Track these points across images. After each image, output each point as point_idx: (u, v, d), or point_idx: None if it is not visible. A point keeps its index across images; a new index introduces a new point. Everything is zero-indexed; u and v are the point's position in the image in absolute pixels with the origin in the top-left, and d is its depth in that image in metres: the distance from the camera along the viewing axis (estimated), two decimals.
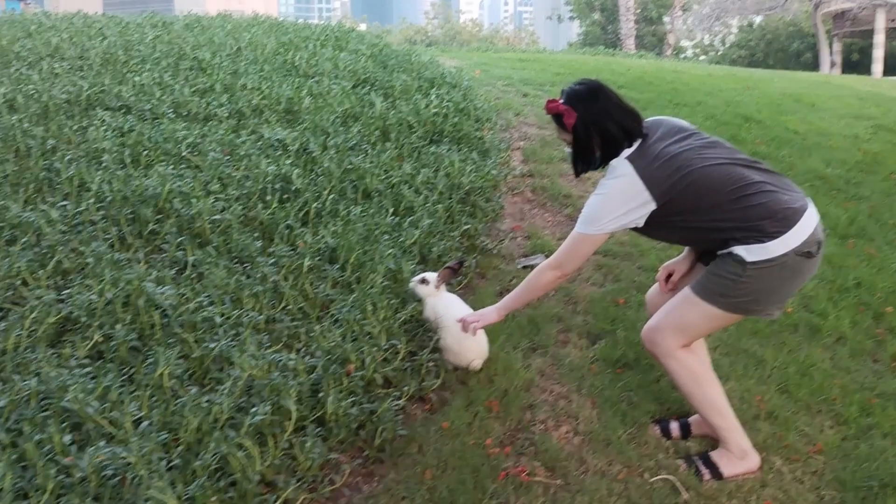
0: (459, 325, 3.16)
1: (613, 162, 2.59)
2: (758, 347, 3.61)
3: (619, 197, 2.54)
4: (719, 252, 2.57)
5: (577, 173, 2.75)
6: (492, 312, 2.99)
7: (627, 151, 2.58)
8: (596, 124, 2.59)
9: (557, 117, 2.65)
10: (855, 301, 4.16)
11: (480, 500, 2.52)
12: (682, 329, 2.65)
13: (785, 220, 2.45)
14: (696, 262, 2.88)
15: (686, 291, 2.65)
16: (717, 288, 2.54)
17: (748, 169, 2.53)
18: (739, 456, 2.72)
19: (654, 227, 2.59)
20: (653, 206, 2.51)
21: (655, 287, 3.05)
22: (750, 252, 2.45)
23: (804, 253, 2.46)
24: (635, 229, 2.63)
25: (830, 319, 3.91)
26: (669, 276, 2.97)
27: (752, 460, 2.73)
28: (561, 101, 2.63)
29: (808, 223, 2.48)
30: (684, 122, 2.71)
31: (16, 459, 2.18)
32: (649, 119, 2.70)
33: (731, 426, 2.72)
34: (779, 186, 2.52)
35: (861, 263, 4.65)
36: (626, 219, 2.56)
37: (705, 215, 2.51)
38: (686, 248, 2.96)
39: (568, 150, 2.71)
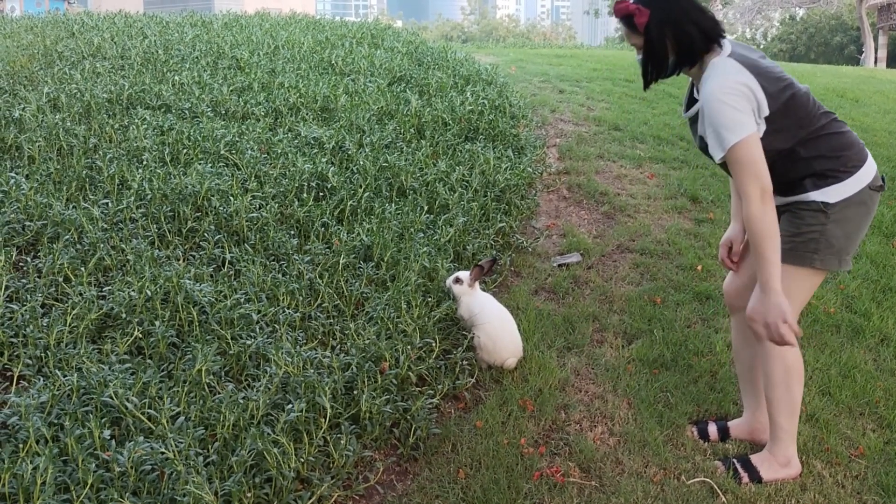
0: (493, 323, 3.16)
1: (716, 61, 2.36)
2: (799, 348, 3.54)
3: (741, 96, 2.30)
4: (789, 203, 2.46)
5: (648, 83, 2.49)
6: (778, 296, 2.34)
7: (723, 53, 2.38)
8: (671, 24, 2.35)
9: (627, 18, 2.39)
10: None
11: (514, 500, 2.51)
12: (788, 301, 2.45)
13: (861, 152, 2.44)
14: None
15: None
16: (808, 247, 2.44)
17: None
18: (782, 463, 2.66)
19: None
20: (766, 112, 2.33)
21: (731, 276, 2.85)
22: (827, 194, 2.39)
23: (877, 187, 2.46)
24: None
25: (874, 320, 3.82)
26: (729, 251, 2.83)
27: (794, 469, 2.67)
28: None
29: (871, 157, 2.49)
30: None
31: (57, 453, 2.23)
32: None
33: (791, 431, 2.65)
34: None
35: None
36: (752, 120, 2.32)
37: (796, 136, 2.39)
38: (733, 217, 2.82)
39: (638, 56, 2.47)
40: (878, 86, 11.26)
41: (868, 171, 2.45)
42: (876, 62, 27.79)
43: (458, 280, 3.33)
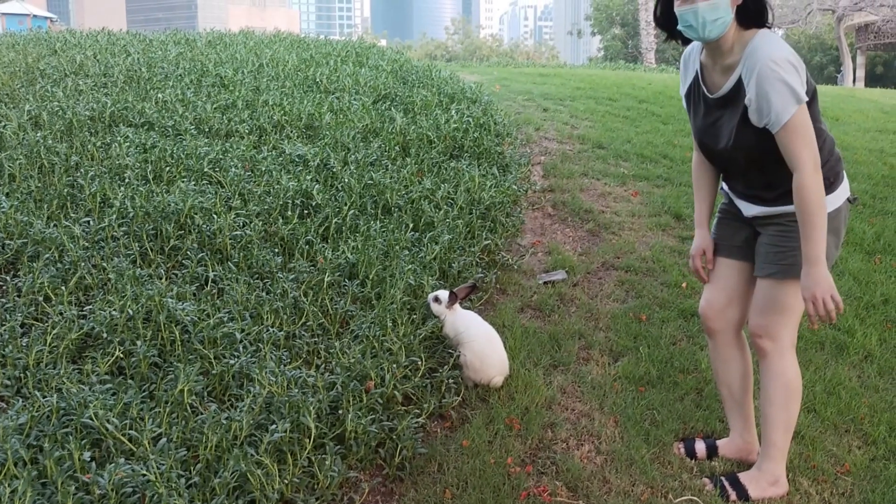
0: (480, 341, 3.15)
1: (767, 32, 2.38)
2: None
3: (796, 67, 2.30)
4: (777, 214, 2.47)
5: (685, 38, 2.49)
6: (825, 268, 2.35)
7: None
8: None
9: None
10: (882, 318, 4.08)
11: None
12: (792, 315, 2.53)
13: (842, 166, 2.53)
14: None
15: (774, 283, 2.51)
16: None
17: None
18: (770, 482, 2.65)
19: (766, 140, 2.39)
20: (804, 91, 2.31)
21: (708, 297, 2.77)
22: (827, 203, 2.40)
23: (852, 200, 2.56)
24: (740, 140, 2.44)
25: (857, 337, 3.84)
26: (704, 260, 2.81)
27: (782, 488, 2.66)
28: None
29: None
30: None
31: (36, 476, 2.19)
32: None
33: (784, 450, 2.65)
34: None
35: (888, 279, 4.57)
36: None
37: (817, 128, 2.39)
38: (698, 224, 2.80)
39: (700, 4, 2.33)
40: (858, 104, 11.42)
41: (846, 183, 2.54)
42: (854, 81, 28.21)
43: (437, 299, 3.34)
